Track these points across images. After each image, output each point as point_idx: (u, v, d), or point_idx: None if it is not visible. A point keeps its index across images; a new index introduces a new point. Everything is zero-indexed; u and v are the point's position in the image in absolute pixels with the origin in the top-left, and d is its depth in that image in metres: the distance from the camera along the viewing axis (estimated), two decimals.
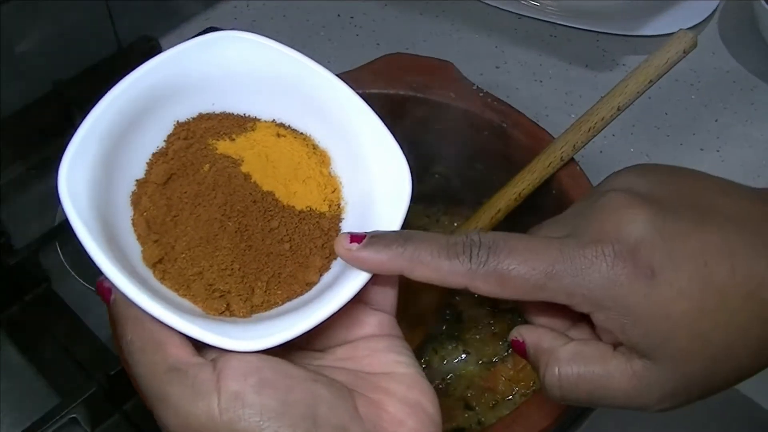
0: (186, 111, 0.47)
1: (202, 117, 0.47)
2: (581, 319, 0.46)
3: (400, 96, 0.66)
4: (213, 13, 0.96)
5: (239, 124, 0.48)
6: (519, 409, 0.52)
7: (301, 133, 0.49)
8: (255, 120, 0.48)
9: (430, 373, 0.63)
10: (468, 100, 0.65)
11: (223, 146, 0.47)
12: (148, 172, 0.45)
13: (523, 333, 0.47)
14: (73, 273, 0.75)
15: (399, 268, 0.43)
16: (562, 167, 0.60)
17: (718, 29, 0.95)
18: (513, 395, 0.62)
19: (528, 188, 0.60)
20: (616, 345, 0.43)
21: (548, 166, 0.60)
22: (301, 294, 0.44)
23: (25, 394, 0.68)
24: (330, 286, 0.43)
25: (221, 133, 0.47)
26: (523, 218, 0.64)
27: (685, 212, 0.42)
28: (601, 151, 0.83)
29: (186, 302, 0.42)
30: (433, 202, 0.72)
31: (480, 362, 0.64)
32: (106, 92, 0.44)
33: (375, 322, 0.45)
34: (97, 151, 0.42)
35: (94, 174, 0.41)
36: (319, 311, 0.41)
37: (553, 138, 0.62)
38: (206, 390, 0.37)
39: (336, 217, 0.47)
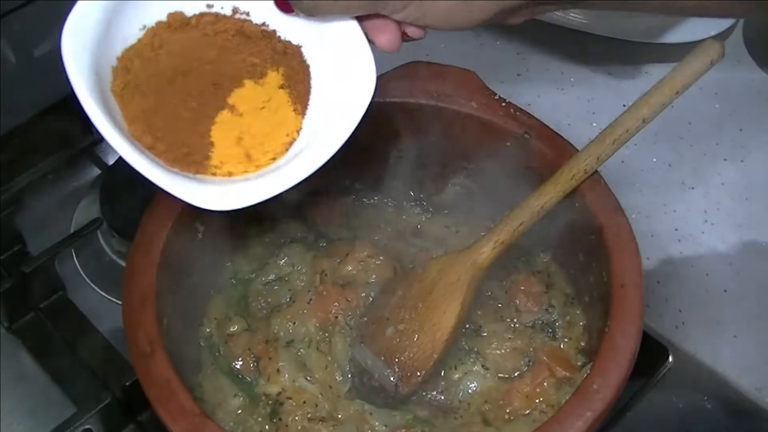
0: None
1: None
2: None
3: (420, 105, 0.65)
4: None
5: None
6: (541, 428, 0.51)
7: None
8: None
9: (448, 387, 0.62)
10: (490, 111, 0.64)
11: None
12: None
13: None
14: (88, 281, 0.75)
15: None
16: (585, 179, 0.59)
17: (743, 37, 0.94)
18: (531, 411, 0.60)
19: (551, 201, 0.58)
20: None
21: (572, 178, 0.58)
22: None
23: (40, 403, 0.67)
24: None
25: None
26: (544, 231, 0.63)
27: None
28: (623, 162, 0.81)
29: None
30: (453, 214, 0.71)
31: (498, 377, 0.63)
32: None
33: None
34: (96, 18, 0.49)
35: (94, 37, 0.49)
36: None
37: (576, 149, 0.60)
38: None
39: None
